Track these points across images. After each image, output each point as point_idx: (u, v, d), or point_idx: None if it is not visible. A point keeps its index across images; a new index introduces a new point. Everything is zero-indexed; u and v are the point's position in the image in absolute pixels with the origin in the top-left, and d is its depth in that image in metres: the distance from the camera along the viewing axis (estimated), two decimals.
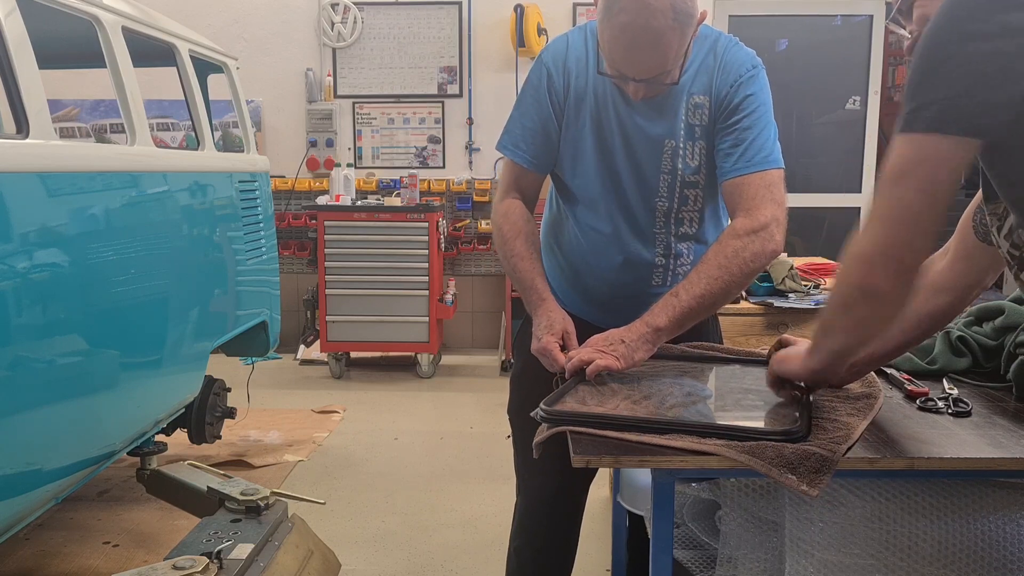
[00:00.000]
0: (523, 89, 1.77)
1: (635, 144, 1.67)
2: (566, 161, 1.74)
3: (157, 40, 2.86)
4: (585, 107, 1.69)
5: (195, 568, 1.82)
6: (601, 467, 1.21)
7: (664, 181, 1.68)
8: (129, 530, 2.93)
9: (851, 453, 1.17)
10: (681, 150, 1.66)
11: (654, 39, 1.49)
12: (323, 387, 4.94)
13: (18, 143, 1.92)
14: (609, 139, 1.68)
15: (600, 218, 1.73)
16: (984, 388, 1.52)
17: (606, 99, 1.68)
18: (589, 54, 1.69)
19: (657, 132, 1.66)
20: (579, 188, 1.74)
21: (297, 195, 5.63)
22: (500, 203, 1.80)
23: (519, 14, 5.28)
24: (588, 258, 1.77)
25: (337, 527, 2.98)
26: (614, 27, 1.50)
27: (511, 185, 1.80)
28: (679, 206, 1.71)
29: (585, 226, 1.75)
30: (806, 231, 5.83)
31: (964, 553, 1.23)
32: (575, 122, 1.71)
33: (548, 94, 1.71)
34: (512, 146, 1.76)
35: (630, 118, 1.66)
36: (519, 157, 1.76)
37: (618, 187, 1.70)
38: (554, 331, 1.61)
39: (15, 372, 1.86)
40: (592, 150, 1.70)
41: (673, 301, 1.56)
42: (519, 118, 1.76)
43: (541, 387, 1.54)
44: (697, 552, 1.64)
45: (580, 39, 1.72)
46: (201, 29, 3.84)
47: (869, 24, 5.53)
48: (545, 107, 1.72)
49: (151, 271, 2.50)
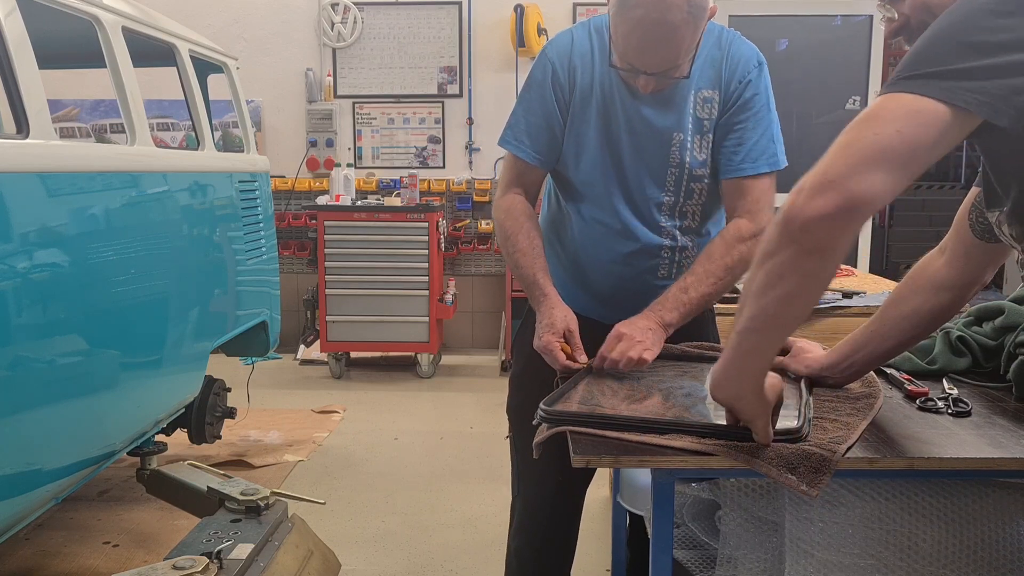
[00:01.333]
0: (526, 84, 1.75)
1: (642, 138, 1.68)
2: (570, 156, 1.74)
3: (157, 40, 2.86)
4: (591, 102, 1.69)
5: (195, 568, 1.82)
6: (601, 467, 1.21)
7: (672, 175, 1.69)
8: (129, 530, 2.93)
9: (851, 453, 1.17)
10: (689, 143, 1.67)
11: (669, 33, 1.50)
12: (323, 387, 4.94)
13: (18, 143, 1.92)
14: (616, 133, 1.68)
15: (606, 212, 1.73)
16: (984, 388, 1.52)
17: (612, 94, 1.68)
18: (594, 50, 1.69)
19: (665, 125, 1.67)
20: (585, 183, 1.74)
21: (297, 195, 5.63)
22: (502, 199, 1.79)
23: (519, 14, 5.28)
24: (593, 252, 1.77)
25: (337, 527, 2.98)
26: (629, 21, 1.50)
27: (513, 181, 1.79)
28: (684, 199, 1.72)
29: (591, 220, 1.75)
30: None
31: (964, 553, 1.23)
32: (581, 118, 1.70)
33: (553, 90, 1.71)
34: (515, 141, 1.75)
35: (637, 112, 1.67)
36: (523, 152, 1.74)
37: (624, 181, 1.70)
38: (555, 330, 1.61)
39: (15, 372, 1.86)
40: (598, 145, 1.70)
41: (683, 297, 1.59)
42: (523, 114, 1.74)
43: (541, 386, 1.55)
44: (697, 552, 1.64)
45: (584, 35, 1.71)
46: (201, 29, 3.84)
47: (869, 24, 5.53)
48: (550, 103, 1.71)
49: (151, 271, 2.50)
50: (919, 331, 1.47)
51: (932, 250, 1.50)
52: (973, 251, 1.41)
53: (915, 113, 1.00)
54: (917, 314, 1.44)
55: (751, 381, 1.13)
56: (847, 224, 1.00)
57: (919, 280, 1.47)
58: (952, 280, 1.43)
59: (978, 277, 1.43)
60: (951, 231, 1.45)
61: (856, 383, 1.49)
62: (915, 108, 1.01)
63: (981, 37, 1.01)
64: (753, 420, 1.16)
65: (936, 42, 1.04)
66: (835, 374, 1.48)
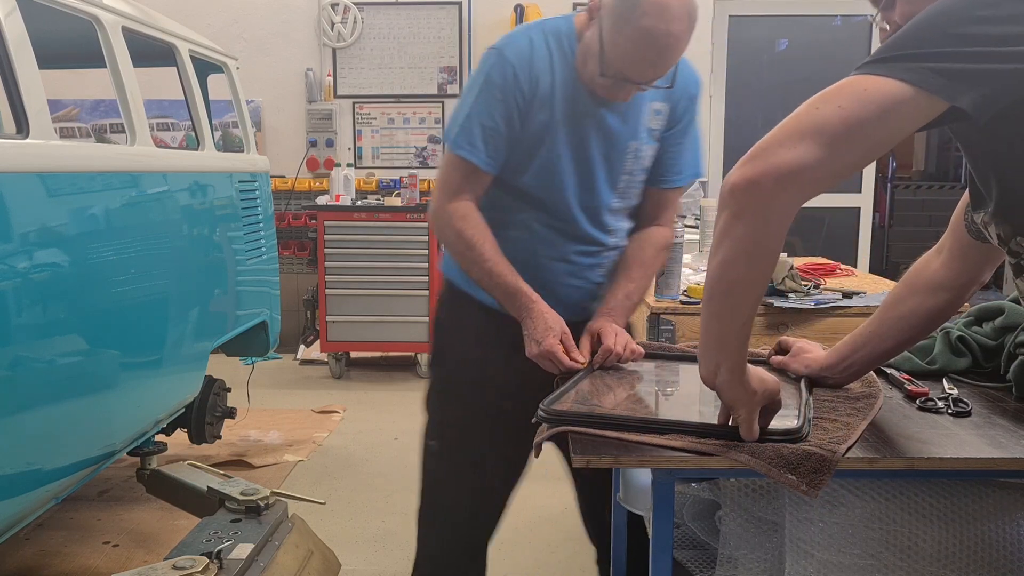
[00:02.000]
0: (480, 85, 1.66)
1: (608, 145, 1.70)
2: (524, 162, 1.70)
3: (157, 40, 2.86)
4: (554, 109, 1.67)
5: (195, 568, 1.82)
6: (601, 467, 1.21)
7: (624, 180, 1.74)
8: (129, 530, 2.93)
9: (851, 453, 1.17)
10: (642, 152, 1.73)
11: (672, 44, 1.53)
12: (323, 387, 4.94)
13: (18, 143, 1.92)
14: (585, 140, 1.69)
15: (559, 215, 1.72)
16: (984, 388, 1.52)
17: (577, 101, 1.67)
18: (553, 56, 1.66)
19: (625, 134, 1.70)
20: (539, 187, 1.71)
21: (297, 195, 5.63)
22: (452, 204, 1.68)
23: (519, 14, 5.28)
24: (540, 252, 1.73)
25: (337, 527, 2.98)
26: (636, 31, 1.51)
27: (462, 186, 1.68)
28: (628, 203, 1.78)
29: (538, 223, 1.73)
30: (806, 231, 5.82)
31: (964, 553, 1.23)
32: (541, 124, 1.67)
33: (514, 95, 1.64)
34: (469, 146, 1.65)
35: (604, 120, 1.68)
36: (478, 158, 1.66)
37: (586, 186, 1.71)
38: (555, 333, 1.61)
39: (15, 372, 1.86)
40: (565, 151, 1.68)
41: (628, 304, 1.72)
42: (476, 116, 1.65)
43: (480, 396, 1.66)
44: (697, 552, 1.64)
45: (541, 40, 1.67)
46: (201, 29, 3.84)
47: (869, 24, 5.51)
48: (511, 107, 1.65)
49: (151, 271, 2.50)
50: (917, 331, 1.47)
51: (929, 250, 1.50)
52: (970, 251, 1.41)
53: (861, 91, 1.02)
54: (915, 314, 1.44)
55: (723, 354, 1.15)
56: (772, 193, 1.02)
57: (916, 281, 1.47)
58: (949, 280, 1.43)
59: (975, 277, 1.43)
60: (948, 231, 1.45)
61: (856, 383, 1.49)
62: (863, 87, 1.02)
63: (959, 29, 1.02)
64: (735, 407, 1.17)
65: (909, 30, 1.06)
66: (835, 374, 1.48)
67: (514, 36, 1.69)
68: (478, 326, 1.78)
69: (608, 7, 1.56)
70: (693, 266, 2.73)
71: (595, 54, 1.59)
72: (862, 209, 5.67)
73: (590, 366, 1.61)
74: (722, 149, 5.61)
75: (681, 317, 2.11)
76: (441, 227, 1.70)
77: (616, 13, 1.54)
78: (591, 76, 1.62)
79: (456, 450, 1.83)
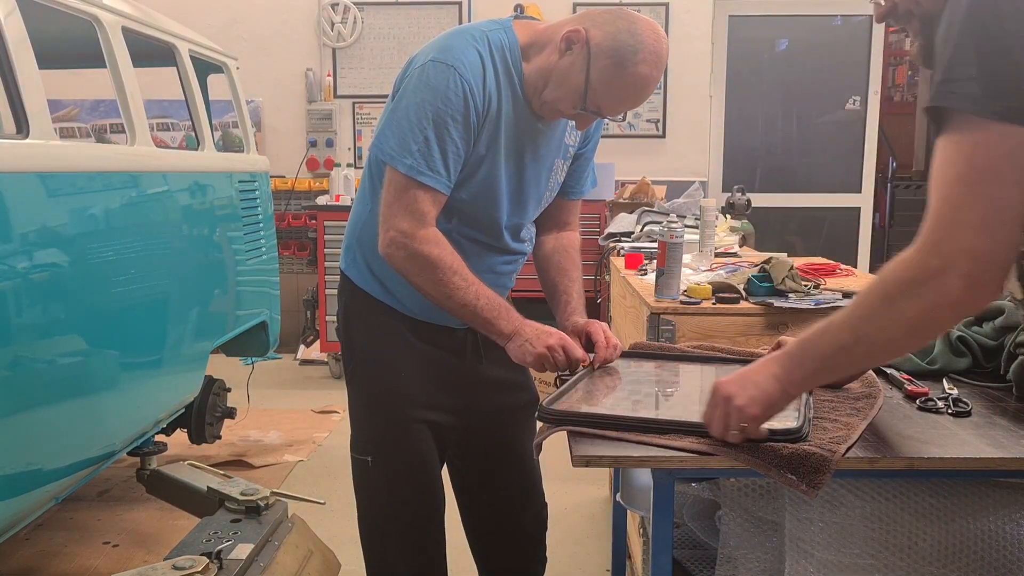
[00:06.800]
0: (434, 105, 1.56)
1: (539, 164, 1.74)
2: (463, 179, 1.65)
3: (157, 40, 2.86)
4: (500, 127, 1.64)
5: (195, 568, 1.82)
6: (601, 467, 1.21)
7: (545, 198, 1.81)
8: (129, 530, 2.93)
9: (851, 453, 1.17)
10: (562, 169, 1.80)
11: (653, 86, 1.60)
12: (323, 387, 4.94)
13: (18, 143, 1.92)
14: (524, 159, 1.70)
15: (484, 229, 1.73)
16: (984, 388, 1.52)
17: (520, 121, 1.66)
18: (499, 74, 1.62)
19: (552, 152, 1.76)
20: (471, 203, 1.68)
21: (297, 195, 5.63)
22: (423, 231, 1.58)
23: (519, 14, 5.27)
24: (468, 263, 1.66)
25: (337, 527, 2.98)
26: (633, 77, 1.55)
27: (427, 212, 1.59)
28: (538, 214, 1.86)
29: (461, 235, 1.70)
30: (806, 231, 5.82)
31: (964, 553, 1.23)
32: (486, 142, 1.64)
33: (471, 115, 1.59)
34: (431, 172, 1.57)
35: (537, 139, 1.71)
36: (440, 184, 1.59)
37: (515, 202, 1.73)
38: (556, 334, 1.62)
39: (15, 372, 1.87)
40: (504, 169, 1.68)
41: (583, 301, 1.82)
42: (436, 140, 1.56)
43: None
44: (697, 552, 1.64)
45: (488, 56, 1.62)
46: (201, 29, 3.84)
47: (869, 24, 5.52)
48: (469, 128, 1.59)
49: (151, 271, 2.50)
50: None
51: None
52: None
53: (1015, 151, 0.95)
54: None
55: (811, 378, 1.19)
56: None
57: None
58: None
59: None
60: None
61: (856, 383, 1.48)
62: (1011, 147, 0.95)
63: None
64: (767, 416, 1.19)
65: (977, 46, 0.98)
66: None
67: (462, 51, 1.59)
68: (399, 335, 1.76)
69: (601, 47, 1.54)
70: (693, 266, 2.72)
71: (574, 88, 1.57)
72: (862, 209, 5.66)
73: (590, 366, 1.61)
74: (722, 149, 5.61)
75: (681, 317, 2.10)
76: (410, 255, 1.59)
77: (613, 56, 1.53)
78: (543, 100, 1.62)
79: (392, 458, 1.83)
